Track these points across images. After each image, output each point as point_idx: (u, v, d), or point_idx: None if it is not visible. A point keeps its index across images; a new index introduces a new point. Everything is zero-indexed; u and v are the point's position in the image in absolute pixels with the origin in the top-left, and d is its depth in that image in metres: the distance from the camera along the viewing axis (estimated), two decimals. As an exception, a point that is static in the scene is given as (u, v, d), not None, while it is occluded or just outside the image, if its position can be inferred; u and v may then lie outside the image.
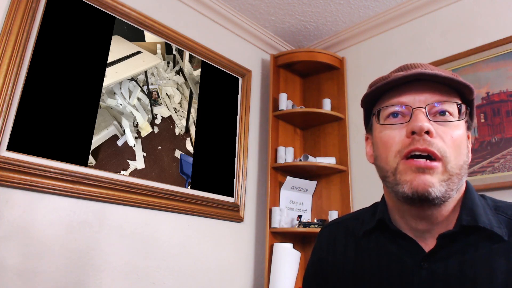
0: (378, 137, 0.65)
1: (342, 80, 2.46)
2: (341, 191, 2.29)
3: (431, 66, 0.67)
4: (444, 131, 0.60)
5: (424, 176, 0.58)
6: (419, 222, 0.63)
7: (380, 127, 0.65)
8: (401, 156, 0.60)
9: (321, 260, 0.77)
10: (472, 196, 0.64)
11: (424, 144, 0.58)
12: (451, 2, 2.10)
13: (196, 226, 1.96)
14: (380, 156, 0.64)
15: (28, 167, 1.43)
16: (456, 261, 0.60)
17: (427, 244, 0.63)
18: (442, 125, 0.60)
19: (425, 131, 0.58)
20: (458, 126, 0.61)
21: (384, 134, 0.63)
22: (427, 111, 0.60)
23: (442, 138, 0.59)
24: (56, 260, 1.46)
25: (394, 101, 0.63)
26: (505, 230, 0.60)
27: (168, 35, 2.03)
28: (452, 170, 0.59)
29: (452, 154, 0.59)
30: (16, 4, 1.50)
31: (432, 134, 0.58)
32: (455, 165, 0.59)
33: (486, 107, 1.82)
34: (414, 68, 0.65)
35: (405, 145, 0.60)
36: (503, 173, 1.70)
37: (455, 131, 0.61)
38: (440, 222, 0.63)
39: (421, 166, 0.58)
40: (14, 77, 1.45)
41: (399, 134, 0.61)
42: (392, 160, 0.61)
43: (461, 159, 0.60)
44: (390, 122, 0.63)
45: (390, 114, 0.64)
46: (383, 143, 0.63)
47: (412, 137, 0.59)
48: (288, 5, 2.31)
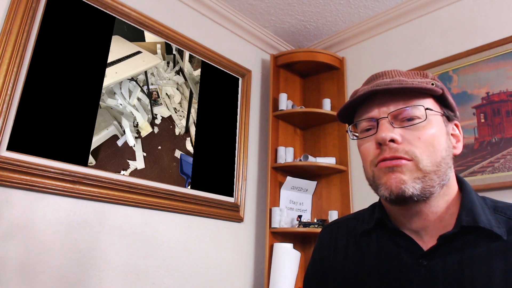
0: (359, 150, 0.69)
1: (342, 80, 2.46)
2: (341, 191, 2.29)
3: (395, 72, 0.69)
4: (411, 134, 0.62)
5: (395, 175, 0.60)
6: (411, 220, 0.65)
7: (358, 141, 0.69)
8: (374, 165, 0.64)
9: (322, 260, 0.78)
10: (471, 196, 0.65)
11: (390, 152, 0.61)
12: (451, 2, 2.10)
13: (196, 226, 1.96)
14: (364, 167, 0.69)
15: (28, 167, 1.43)
16: (454, 259, 0.60)
17: (424, 242, 0.64)
18: (409, 129, 0.62)
19: (389, 140, 0.61)
20: (427, 126, 0.63)
21: (362, 147, 0.68)
22: (391, 119, 0.63)
23: (409, 141, 0.61)
24: (56, 260, 1.46)
25: (362, 116, 0.67)
26: (504, 230, 0.60)
27: (168, 35, 2.03)
28: (426, 168, 0.60)
29: (423, 154, 0.61)
30: (16, 4, 1.50)
31: (397, 141, 0.61)
32: (429, 163, 0.61)
33: (486, 107, 1.82)
34: (378, 78, 0.68)
35: (375, 155, 0.64)
36: (503, 173, 1.70)
37: (424, 131, 0.62)
38: (433, 220, 0.63)
39: (388, 165, 0.61)
40: (14, 77, 1.45)
41: (372, 145, 0.65)
42: (369, 169, 0.66)
43: (436, 156, 0.61)
44: (363, 136, 0.67)
45: (363, 129, 0.67)
46: (362, 155, 0.68)
47: (380, 148, 0.63)
48: (288, 5, 2.31)
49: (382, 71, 0.70)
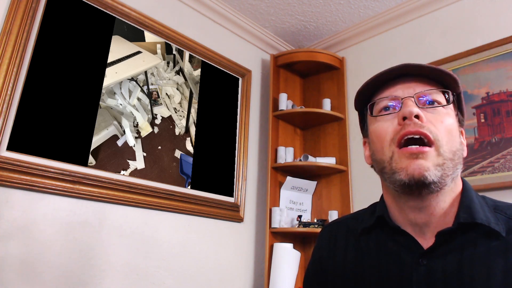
0: (373, 131, 0.67)
1: (342, 80, 2.46)
2: (341, 191, 2.29)
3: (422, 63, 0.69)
4: (434, 117, 0.62)
5: (419, 161, 0.59)
6: (417, 213, 0.64)
7: (373, 121, 0.67)
8: (395, 144, 0.62)
9: (321, 259, 0.78)
10: (470, 194, 0.65)
11: (415, 127, 0.60)
12: (451, 2, 2.10)
13: (196, 226, 1.96)
14: (376, 149, 0.66)
15: (28, 167, 1.43)
16: (454, 258, 0.60)
17: (426, 240, 0.64)
18: (431, 112, 0.63)
19: (415, 115, 0.60)
20: (447, 113, 0.64)
21: (377, 126, 0.66)
22: (416, 99, 0.63)
23: (433, 123, 0.62)
24: (56, 260, 1.46)
25: (385, 94, 0.66)
26: (503, 227, 0.60)
27: (168, 35, 2.03)
28: (445, 154, 0.60)
29: (444, 138, 0.61)
30: (16, 4, 1.50)
31: (422, 119, 0.61)
32: (448, 149, 0.61)
33: (486, 107, 1.82)
34: None
35: (397, 132, 0.62)
36: (503, 173, 1.70)
37: (445, 117, 0.63)
38: (439, 215, 0.63)
39: (413, 151, 0.60)
40: (14, 77, 1.45)
41: (392, 124, 0.64)
42: (387, 149, 0.63)
43: (453, 145, 0.62)
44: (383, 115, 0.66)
45: (382, 108, 0.66)
46: (377, 135, 0.66)
47: (403, 123, 0.61)
48: (288, 5, 2.31)
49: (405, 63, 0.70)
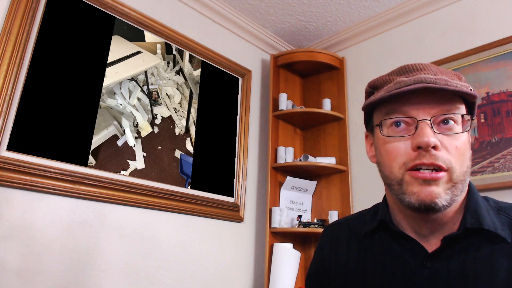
0: (383, 146, 0.64)
1: (342, 80, 2.46)
2: (341, 191, 2.29)
3: (433, 67, 0.65)
4: (449, 142, 0.59)
5: (431, 188, 0.58)
6: (423, 225, 0.63)
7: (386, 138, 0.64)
8: (407, 168, 0.60)
9: (323, 260, 0.78)
10: (476, 198, 0.64)
11: (430, 159, 0.58)
12: (451, 2, 2.10)
13: (196, 226, 1.96)
14: (384, 165, 0.64)
15: (28, 167, 1.43)
16: (458, 261, 0.60)
17: (429, 244, 0.64)
18: (447, 136, 0.60)
19: (432, 146, 0.58)
20: (462, 134, 0.61)
21: (389, 145, 0.63)
22: (432, 122, 0.59)
23: (447, 149, 0.59)
24: (56, 260, 1.46)
25: (397, 110, 0.62)
26: (508, 232, 0.60)
27: (168, 35, 2.03)
28: (457, 178, 0.59)
29: (457, 163, 0.59)
30: (16, 4, 1.50)
31: (437, 148, 0.58)
32: (460, 173, 0.59)
33: (486, 107, 1.82)
34: (416, 71, 0.64)
35: (411, 159, 0.59)
36: (503, 173, 1.70)
37: (459, 140, 0.60)
38: (443, 224, 0.63)
39: (427, 178, 0.58)
40: (14, 77, 1.45)
41: (404, 145, 0.60)
42: (397, 171, 0.61)
43: (465, 166, 0.60)
44: (394, 131, 0.62)
45: (393, 123, 0.63)
46: (387, 153, 0.63)
47: (418, 151, 0.59)
48: (288, 5, 2.31)
49: (419, 64, 0.66)
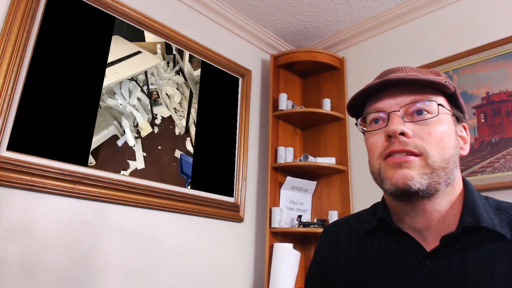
0: (366, 144, 0.69)
1: (342, 80, 2.46)
2: (341, 191, 2.29)
3: (409, 68, 0.69)
4: (421, 129, 0.62)
5: (402, 171, 0.60)
6: (414, 218, 0.64)
7: (366, 134, 0.69)
8: (382, 158, 0.63)
9: (323, 260, 0.78)
10: (473, 197, 0.64)
11: (400, 145, 0.61)
12: (451, 2, 2.10)
13: (196, 226, 1.96)
14: (369, 161, 0.68)
15: (28, 167, 1.43)
16: (457, 259, 0.60)
17: (427, 243, 0.64)
18: (420, 124, 0.62)
19: (399, 133, 0.61)
20: (437, 122, 0.63)
21: (369, 140, 0.67)
22: (403, 113, 0.63)
23: (420, 136, 0.61)
24: (56, 260, 1.46)
25: (373, 108, 0.67)
26: (508, 229, 0.60)
27: (168, 35, 2.03)
28: (436, 164, 0.60)
29: (433, 149, 0.61)
30: (16, 4, 1.50)
31: (407, 135, 0.61)
32: (438, 159, 0.61)
33: (486, 107, 1.82)
34: (391, 73, 0.69)
35: (384, 147, 0.63)
36: (503, 173, 1.70)
37: (434, 127, 0.62)
38: (437, 219, 0.63)
39: (396, 161, 0.61)
40: (14, 77, 1.45)
41: (380, 138, 0.64)
42: (376, 162, 0.65)
43: (445, 153, 0.61)
44: (373, 129, 0.67)
45: (372, 120, 0.67)
46: (369, 148, 0.67)
47: (389, 140, 0.62)
48: (288, 5, 2.31)
49: (396, 67, 0.70)
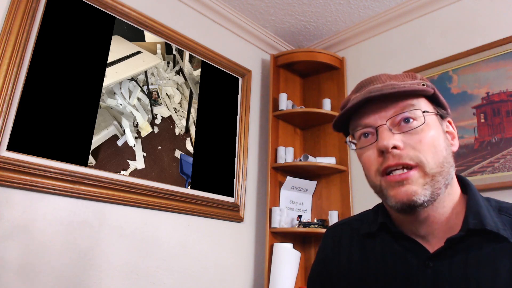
0: (360, 159, 0.68)
1: (342, 80, 2.46)
2: (341, 191, 2.29)
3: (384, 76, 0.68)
4: (412, 139, 0.61)
5: (405, 188, 0.60)
6: (418, 226, 0.64)
7: (358, 151, 0.68)
8: (380, 174, 0.63)
9: (325, 260, 0.78)
10: (476, 198, 0.64)
11: (394, 160, 0.61)
12: (451, 2, 2.10)
13: (196, 226, 1.96)
14: (366, 176, 0.68)
15: (28, 167, 1.43)
16: (460, 260, 0.60)
17: (430, 245, 0.64)
18: (409, 134, 0.62)
19: (391, 147, 0.60)
20: (425, 128, 0.62)
21: (362, 156, 0.67)
22: (390, 125, 0.62)
23: (412, 146, 0.61)
24: (56, 260, 1.46)
25: (359, 124, 0.66)
26: (510, 232, 0.60)
27: (168, 35, 2.03)
28: (432, 170, 0.60)
29: (428, 156, 0.60)
30: (16, 4, 1.50)
31: (399, 147, 0.61)
32: (434, 164, 0.60)
33: (486, 107, 1.82)
34: (368, 85, 0.67)
35: (379, 163, 0.63)
36: (503, 173, 1.70)
37: (423, 134, 0.62)
38: (441, 222, 0.63)
39: (397, 180, 0.60)
40: (14, 77, 1.45)
41: (373, 153, 0.64)
42: (374, 178, 0.64)
43: (439, 157, 0.61)
44: (363, 144, 0.66)
45: (361, 135, 0.66)
46: (364, 164, 0.67)
47: (383, 156, 0.62)
48: (288, 5, 2.31)
49: (371, 77, 0.69)
